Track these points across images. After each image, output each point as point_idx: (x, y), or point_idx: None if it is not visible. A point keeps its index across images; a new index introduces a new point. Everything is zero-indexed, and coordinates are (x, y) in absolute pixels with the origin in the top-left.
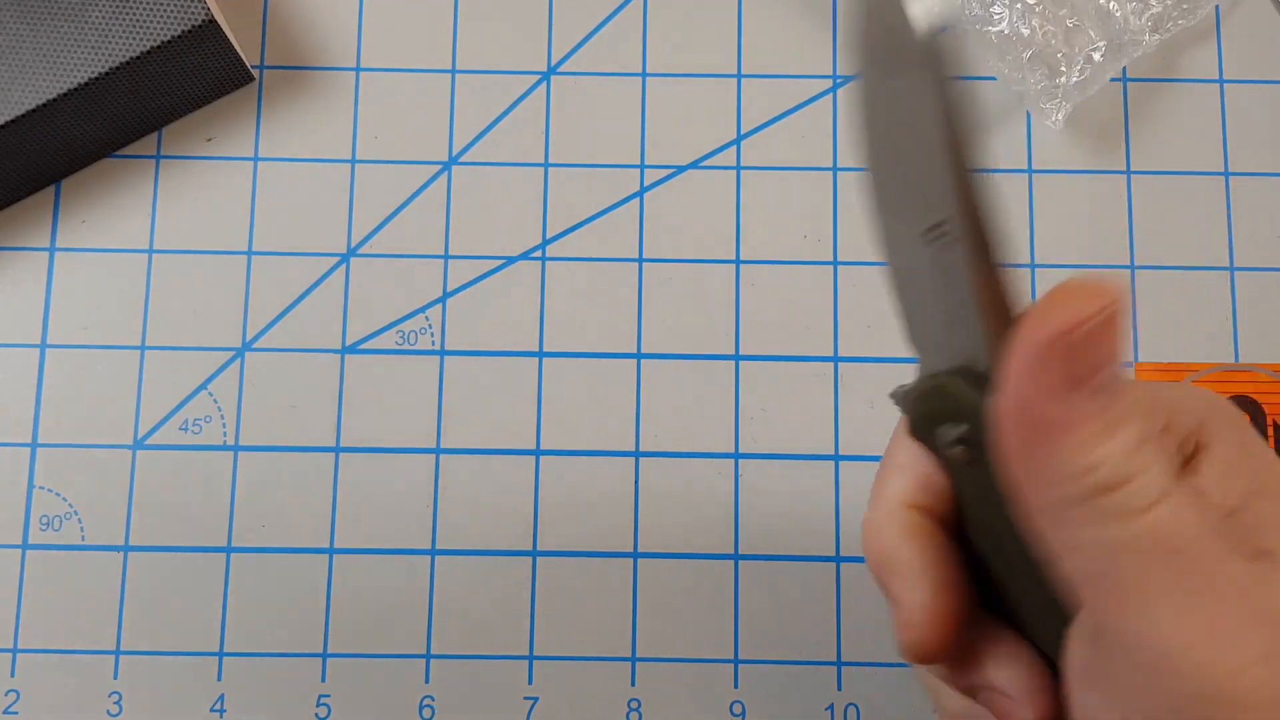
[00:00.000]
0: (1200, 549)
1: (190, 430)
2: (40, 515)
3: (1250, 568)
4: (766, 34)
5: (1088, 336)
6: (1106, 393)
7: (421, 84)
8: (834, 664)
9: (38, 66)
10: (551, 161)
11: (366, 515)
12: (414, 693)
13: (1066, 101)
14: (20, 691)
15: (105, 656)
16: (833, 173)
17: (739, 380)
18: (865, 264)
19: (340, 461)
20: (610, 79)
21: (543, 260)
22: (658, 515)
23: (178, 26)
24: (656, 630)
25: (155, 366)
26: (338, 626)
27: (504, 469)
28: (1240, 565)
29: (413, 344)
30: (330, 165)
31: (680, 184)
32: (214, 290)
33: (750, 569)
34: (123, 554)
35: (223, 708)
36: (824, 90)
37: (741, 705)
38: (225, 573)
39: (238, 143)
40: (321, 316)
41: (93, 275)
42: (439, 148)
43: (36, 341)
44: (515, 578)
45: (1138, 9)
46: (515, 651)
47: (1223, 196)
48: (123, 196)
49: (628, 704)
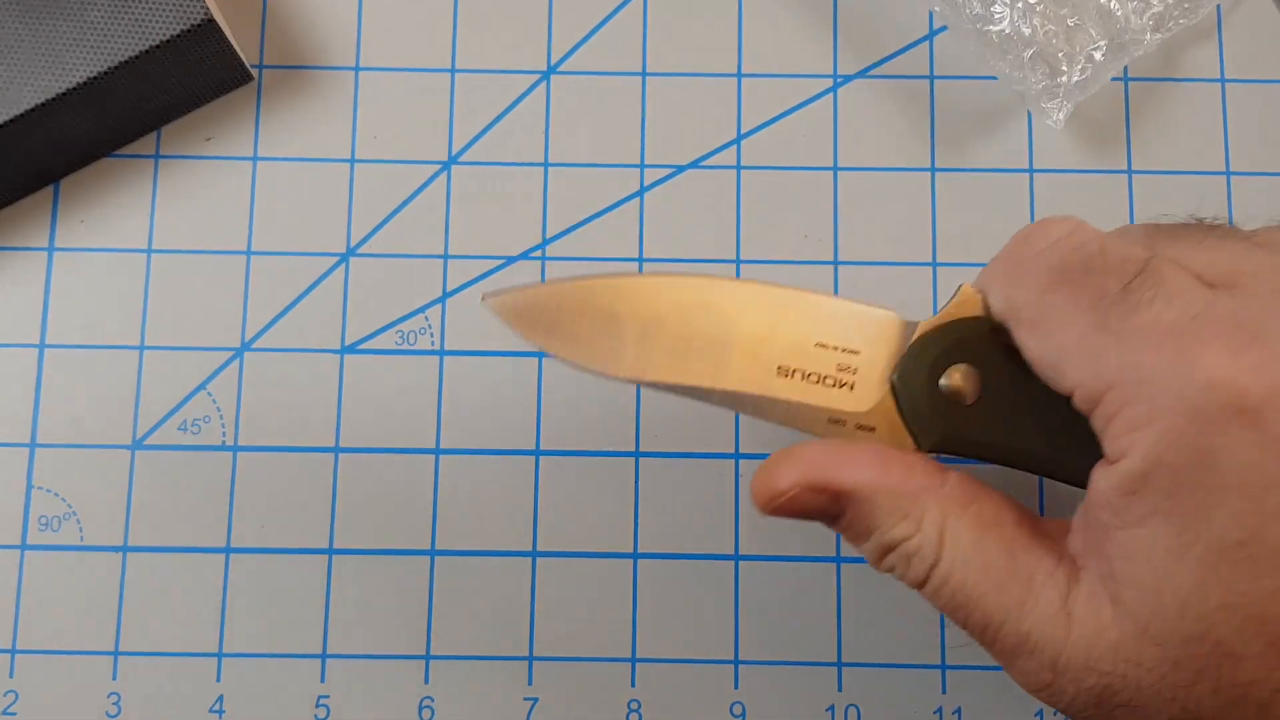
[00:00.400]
0: None
1: (189, 430)
2: (39, 515)
3: None
4: (766, 34)
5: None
6: None
7: (421, 83)
8: (834, 664)
9: (36, 66)
10: (551, 161)
11: (366, 515)
12: (414, 693)
13: (1067, 101)
14: (19, 692)
15: (104, 657)
16: (833, 173)
17: None
18: (865, 264)
19: (340, 461)
20: (610, 79)
21: (543, 260)
22: (658, 515)
23: (177, 26)
24: (656, 630)
25: (154, 366)
26: (337, 627)
27: (504, 469)
28: None
29: (412, 344)
30: (330, 165)
31: (680, 184)
32: (213, 290)
33: (750, 569)
34: (122, 554)
35: (221, 708)
36: (824, 90)
37: (741, 705)
38: (224, 573)
39: (237, 142)
40: (321, 316)
41: (91, 275)
42: (439, 147)
43: (35, 341)
44: (515, 577)
45: (1139, 8)
46: (515, 652)
47: (1223, 196)
48: (121, 196)
49: (627, 704)
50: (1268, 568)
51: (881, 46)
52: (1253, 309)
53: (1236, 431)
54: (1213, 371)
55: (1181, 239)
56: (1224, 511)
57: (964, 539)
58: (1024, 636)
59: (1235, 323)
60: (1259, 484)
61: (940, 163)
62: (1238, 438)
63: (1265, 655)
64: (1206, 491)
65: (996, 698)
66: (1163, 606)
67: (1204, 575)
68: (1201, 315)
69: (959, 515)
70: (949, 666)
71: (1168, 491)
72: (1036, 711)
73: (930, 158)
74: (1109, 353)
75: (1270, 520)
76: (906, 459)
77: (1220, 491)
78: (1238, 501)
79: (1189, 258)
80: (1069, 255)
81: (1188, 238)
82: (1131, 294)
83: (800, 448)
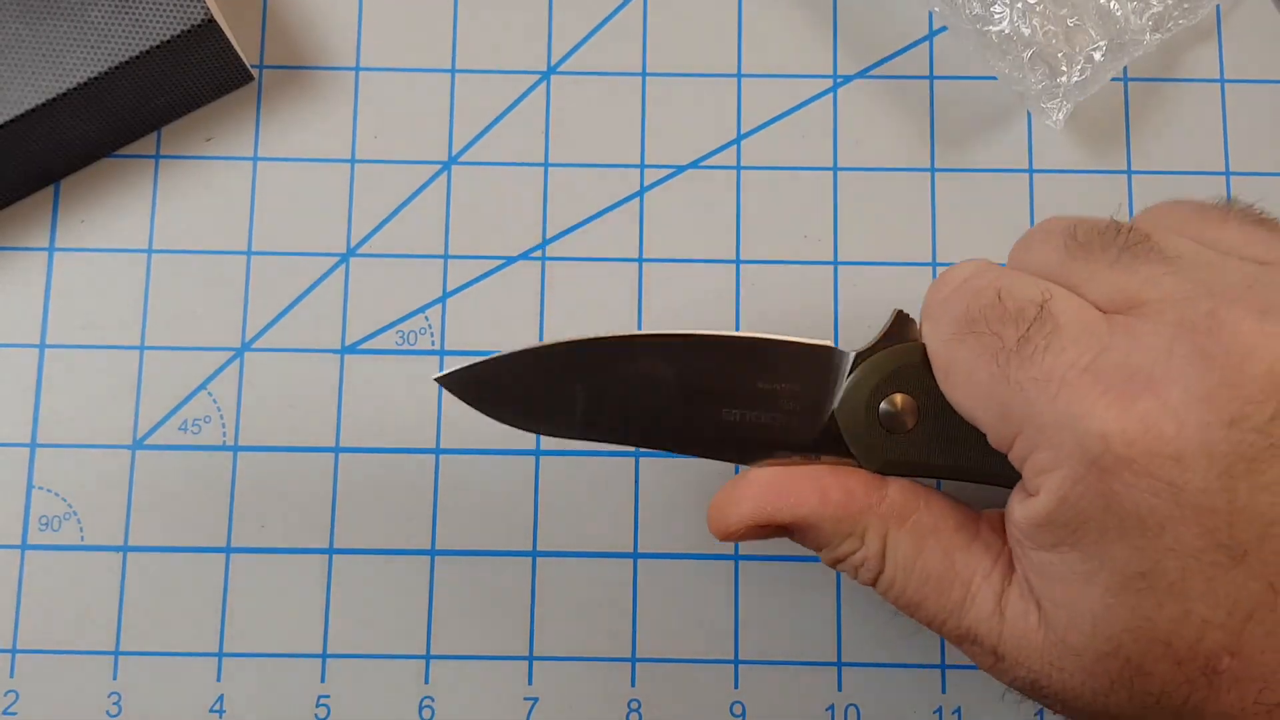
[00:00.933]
0: None
1: (189, 430)
2: (39, 515)
3: None
4: (766, 34)
5: None
6: None
7: (421, 83)
8: (834, 664)
9: (36, 66)
10: (551, 161)
11: (366, 515)
12: (414, 693)
13: (1067, 101)
14: (19, 692)
15: (104, 657)
16: (833, 173)
17: None
18: (865, 264)
19: (340, 461)
20: (610, 78)
21: (543, 260)
22: (658, 515)
23: (177, 26)
24: (656, 630)
25: (154, 366)
26: (337, 627)
27: (504, 469)
28: None
29: (412, 344)
30: (330, 165)
31: (680, 184)
32: (213, 290)
33: (750, 569)
34: (122, 554)
35: (222, 708)
36: (824, 90)
37: (742, 706)
38: (225, 573)
39: (237, 142)
40: (321, 316)
41: (92, 275)
42: (439, 147)
43: (35, 341)
44: (515, 578)
45: (1138, 8)
46: (515, 651)
47: (1223, 196)
48: (122, 196)
49: (627, 704)
50: (1167, 597)
51: (881, 46)
52: (1146, 351)
53: (1130, 478)
54: (1104, 425)
55: (1096, 257)
56: (1124, 546)
57: (903, 550)
58: (966, 630)
59: (1126, 373)
60: (1155, 523)
61: (940, 163)
62: (1132, 484)
63: (1173, 673)
64: (1108, 528)
65: (997, 698)
66: (1076, 623)
67: (1110, 601)
68: (1092, 366)
69: (898, 528)
70: (949, 666)
71: (1074, 527)
72: (1037, 712)
73: (930, 158)
74: (1012, 403)
75: (1167, 554)
76: (846, 483)
77: (1120, 529)
78: (1137, 538)
79: (1098, 280)
80: (970, 304)
81: (1102, 255)
82: (1027, 345)
83: (745, 483)
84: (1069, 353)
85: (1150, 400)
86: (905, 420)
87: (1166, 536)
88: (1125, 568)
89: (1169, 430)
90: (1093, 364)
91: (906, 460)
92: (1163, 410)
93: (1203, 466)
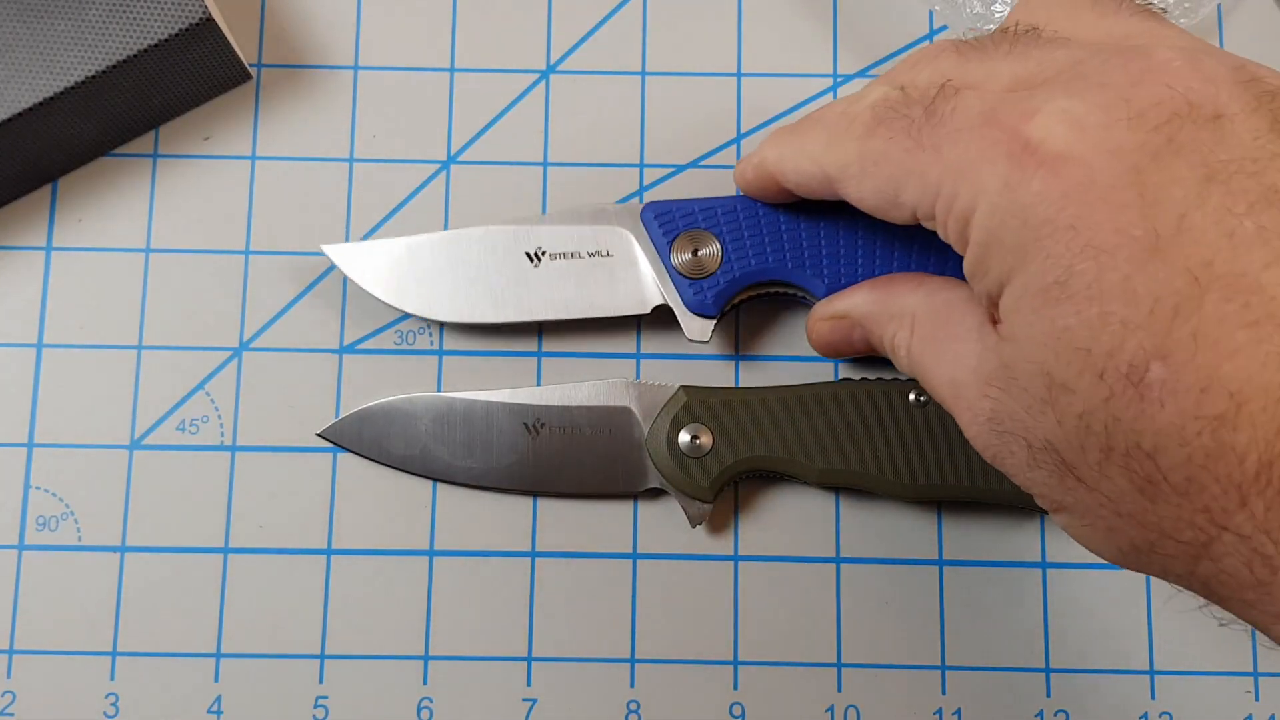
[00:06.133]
0: None
1: (187, 430)
2: (37, 516)
3: None
4: (766, 34)
5: None
6: None
7: (420, 83)
8: (834, 665)
9: (34, 64)
10: (550, 161)
11: (364, 515)
12: (412, 694)
13: None
14: (16, 693)
15: (102, 658)
16: None
17: (739, 379)
18: None
19: (339, 461)
20: (610, 78)
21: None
22: (657, 515)
23: (175, 25)
24: (656, 631)
25: (152, 366)
26: (336, 627)
27: None
28: None
29: (411, 344)
30: (328, 164)
31: (680, 184)
32: (211, 289)
33: (750, 569)
34: (119, 554)
35: (220, 709)
36: (824, 90)
37: (741, 706)
38: (222, 573)
39: (235, 141)
40: (320, 316)
41: (89, 274)
42: (437, 147)
43: (33, 341)
44: (515, 578)
45: None
46: (514, 652)
47: None
48: (120, 195)
49: (627, 705)
50: (1084, 300)
51: (881, 46)
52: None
53: (1038, 185)
54: (1010, 147)
55: (990, 54)
56: (1040, 257)
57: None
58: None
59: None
60: (1065, 225)
61: None
62: (1041, 191)
63: (1095, 387)
64: (1026, 245)
65: (996, 698)
66: (1008, 345)
67: (1032, 317)
68: (998, 108)
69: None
70: (949, 667)
71: (1000, 257)
72: (1037, 712)
73: None
74: (929, 166)
75: (1079, 256)
76: (892, 286)
77: (1036, 241)
78: (1050, 245)
79: (997, 74)
80: (876, 106)
81: (995, 50)
82: (934, 114)
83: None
84: (974, 106)
85: (1051, 115)
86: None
87: (1078, 238)
88: (1043, 278)
89: (1072, 135)
90: (997, 106)
91: (719, 472)
92: (1063, 119)
93: (1107, 162)
